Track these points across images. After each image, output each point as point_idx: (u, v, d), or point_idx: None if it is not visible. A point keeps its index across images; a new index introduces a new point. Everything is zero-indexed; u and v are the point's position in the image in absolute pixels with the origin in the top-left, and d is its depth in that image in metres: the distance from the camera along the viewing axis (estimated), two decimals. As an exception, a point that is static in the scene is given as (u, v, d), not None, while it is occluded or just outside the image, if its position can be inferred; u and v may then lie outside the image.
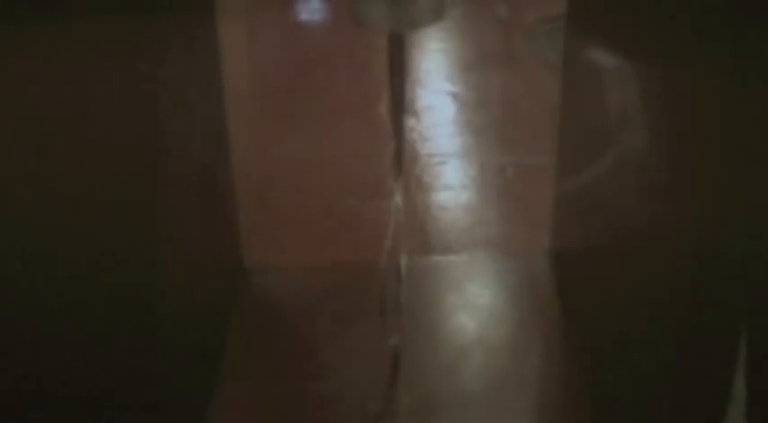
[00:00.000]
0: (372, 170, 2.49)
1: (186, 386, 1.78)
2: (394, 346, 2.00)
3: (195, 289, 1.86)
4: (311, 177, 2.58)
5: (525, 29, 3.29)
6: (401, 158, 2.32)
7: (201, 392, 1.89)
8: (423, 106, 2.92)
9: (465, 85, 3.04)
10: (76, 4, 1.37)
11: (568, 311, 2.09)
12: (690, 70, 1.35)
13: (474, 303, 2.20)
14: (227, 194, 2.17)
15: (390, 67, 2.25)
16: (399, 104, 2.44)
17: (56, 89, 1.34)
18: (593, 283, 1.94)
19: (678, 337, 1.46)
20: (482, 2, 3.49)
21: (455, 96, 2.98)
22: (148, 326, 1.56)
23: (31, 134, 1.34)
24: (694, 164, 1.36)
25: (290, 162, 2.63)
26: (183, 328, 1.75)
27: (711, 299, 1.37)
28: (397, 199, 2.26)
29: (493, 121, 2.88)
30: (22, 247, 1.36)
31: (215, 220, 2.08)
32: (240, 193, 2.22)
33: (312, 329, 2.12)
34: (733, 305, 1.34)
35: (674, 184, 1.44)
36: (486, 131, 2.82)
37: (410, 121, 2.77)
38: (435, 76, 3.11)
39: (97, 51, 1.39)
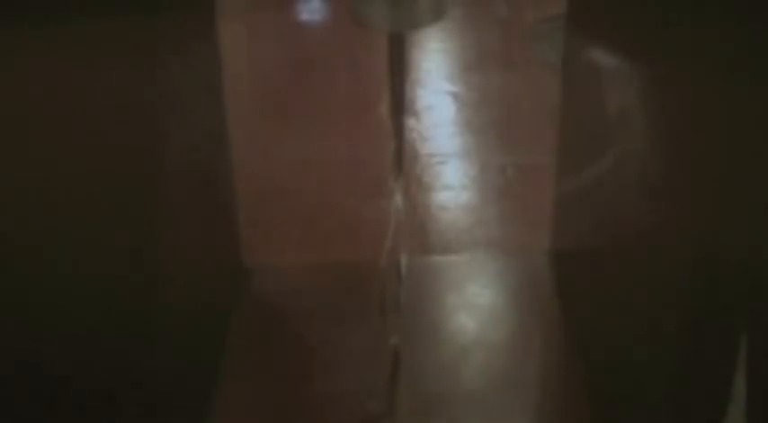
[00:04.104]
0: (372, 170, 2.49)
1: (186, 386, 1.78)
2: (394, 346, 2.00)
3: (195, 289, 1.86)
4: (311, 177, 2.58)
5: (525, 29, 3.29)
6: (401, 158, 2.32)
7: (201, 392, 1.89)
8: (423, 106, 2.92)
9: (465, 85, 3.04)
10: (76, 4, 1.37)
11: (568, 311, 2.09)
12: (690, 70, 1.35)
13: (474, 303, 2.20)
14: (227, 194, 2.17)
15: (390, 67, 2.25)
16: (399, 104, 2.45)
17: (55, 89, 1.34)
18: (593, 283, 1.94)
19: (678, 337, 1.46)
20: (482, 2, 3.49)
21: (455, 96, 2.97)
22: (148, 326, 1.56)
23: (30, 134, 1.34)
24: (694, 164, 1.36)
25: (290, 162, 2.63)
26: (183, 328, 1.75)
27: (711, 299, 1.37)
28: (397, 199, 2.26)
29: (493, 121, 2.88)
30: (22, 248, 1.36)
31: (215, 220, 2.08)
32: (240, 193, 2.22)
33: (312, 329, 2.12)
34: (733, 305, 1.34)
35: (673, 185, 1.44)
36: (486, 131, 2.82)
37: (410, 121, 2.77)
38: (435, 76, 3.11)
39: (97, 51, 1.39)
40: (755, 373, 1.34)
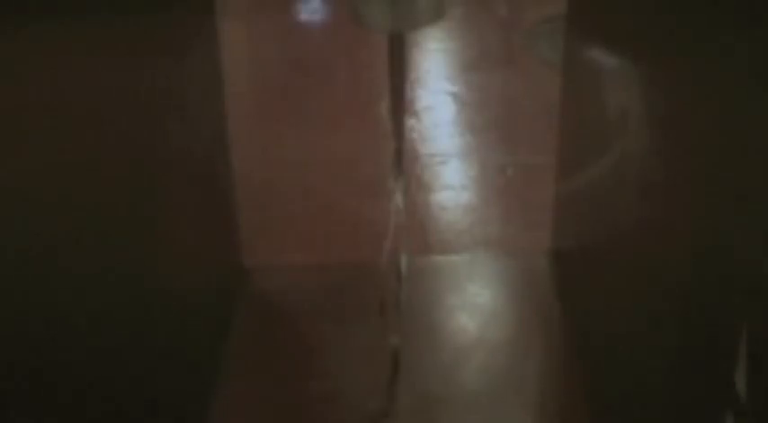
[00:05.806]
0: (372, 170, 2.49)
1: (186, 386, 1.78)
2: (394, 346, 2.00)
3: (195, 289, 1.86)
4: (311, 177, 2.58)
5: (525, 29, 3.29)
6: (401, 158, 2.32)
7: (201, 393, 1.89)
8: (423, 106, 2.92)
9: (465, 85, 3.04)
10: (77, 4, 1.37)
11: (568, 311, 2.09)
12: (690, 70, 1.35)
13: (474, 303, 2.20)
14: (227, 194, 2.17)
15: (390, 67, 2.25)
16: (399, 104, 2.45)
17: (55, 89, 1.34)
18: (593, 283, 1.94)
19: (678, 337, 1.46)
20: (482, 2, 3.50)
21: (455, 96, 2.98)
22: (148, 326, 1.56)
23: (29, 134, 1.34)
24: (694, 164, 1.36)
25: (290, 162, 2.63)
26: (183, 328, 1.75)
27: (711, 299, 1.37)
28: (397, 199, 2.26)
29: (493, 121, 2.88)
30: (21, 249, 1.36)
31: (215, 220, 2.08)
32: (240, 192, 2.22)
33: (312, 329, 2.12)
34: (733, 304, 1.34)
35: (673, 184, 1.44)
36: (486, 131, 2.82)
37: (410, 121, 2.77)
38: (435, 76, 3.11)
39: (97, 51, 1.39)
40: (755, 372, 1.33)
